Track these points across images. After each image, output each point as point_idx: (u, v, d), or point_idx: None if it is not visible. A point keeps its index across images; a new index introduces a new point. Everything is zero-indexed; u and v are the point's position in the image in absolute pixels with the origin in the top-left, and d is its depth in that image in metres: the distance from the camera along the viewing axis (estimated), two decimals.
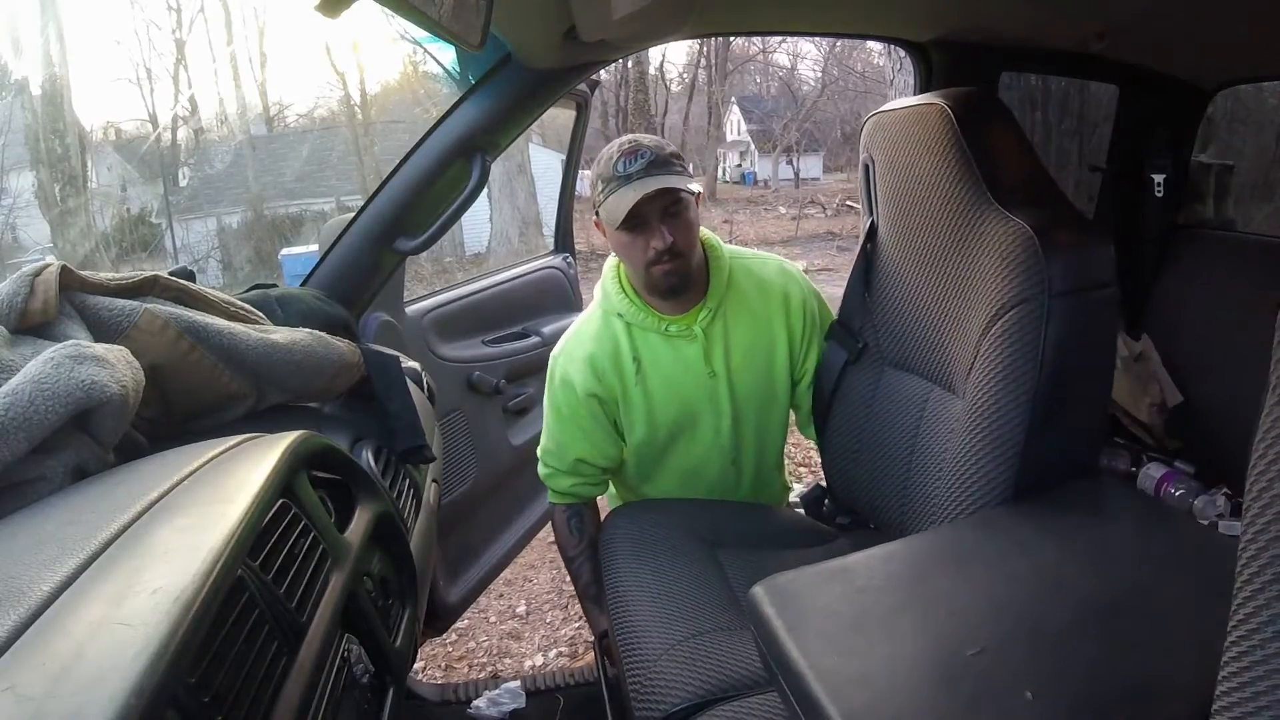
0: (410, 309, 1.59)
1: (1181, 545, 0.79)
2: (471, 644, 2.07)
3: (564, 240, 2.14)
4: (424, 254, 1.35)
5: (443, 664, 1.99)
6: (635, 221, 1.11)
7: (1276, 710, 0.38)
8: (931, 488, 1.00)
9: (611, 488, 1.43)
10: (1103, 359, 0.92)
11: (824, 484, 1.36)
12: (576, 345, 1.24)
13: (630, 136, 1.17)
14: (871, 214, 1.19)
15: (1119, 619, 0.67)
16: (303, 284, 1.28)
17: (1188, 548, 0.78)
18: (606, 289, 1.24)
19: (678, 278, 1.15)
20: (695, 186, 1.15)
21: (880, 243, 1.18)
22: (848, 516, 1.31)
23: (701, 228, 1.21)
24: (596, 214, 1.18)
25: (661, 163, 1.11)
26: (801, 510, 1.41)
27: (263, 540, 0.50)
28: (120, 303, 0.71)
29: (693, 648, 0.93)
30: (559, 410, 1.26)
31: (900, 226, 1.11)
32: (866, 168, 1.18)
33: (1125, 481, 1.36)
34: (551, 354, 1.30)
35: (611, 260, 1.24)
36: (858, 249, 1.22)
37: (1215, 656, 0.40)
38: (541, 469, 1.32)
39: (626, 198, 1.09)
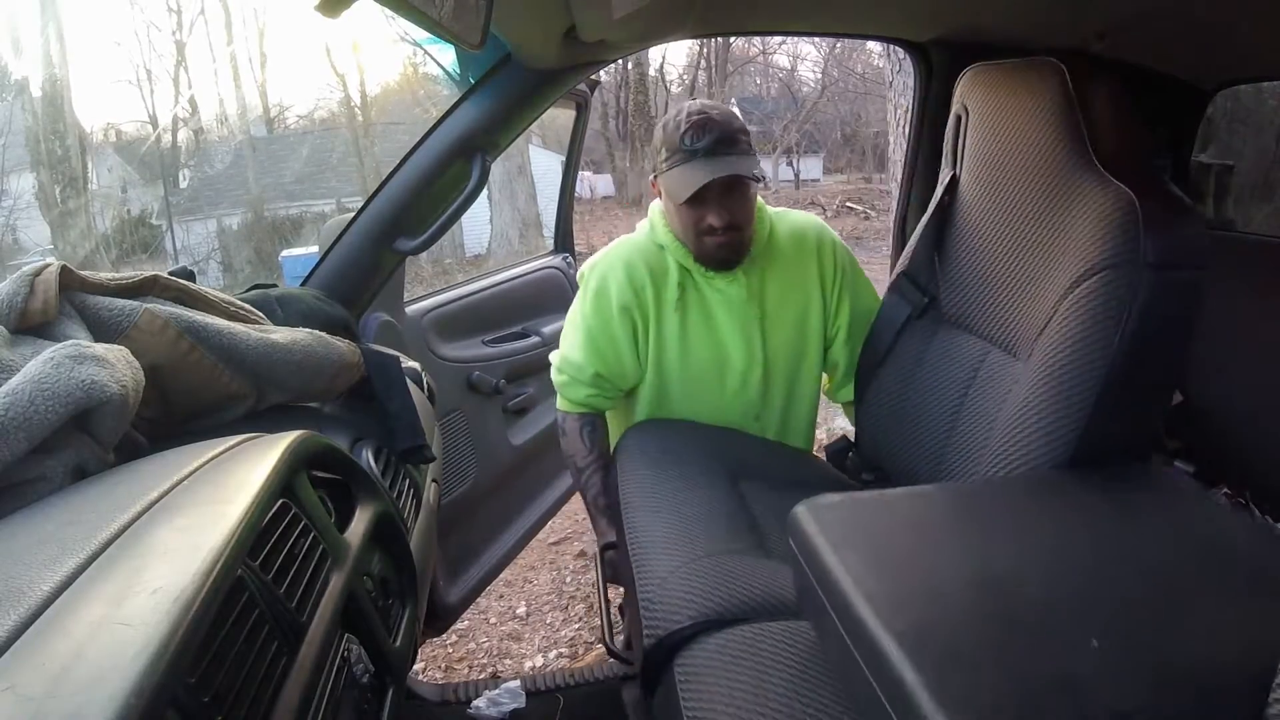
0: (410, 309, 1.59)
1: (1241, 534, 0.75)
2: (471, 645, 2.07)
3: (564, 240, 2.15)
4: (424, 255, 1.35)
5: (443, 664, 1.99)
6: (696, 200, 1.10)
7: None
8: (976, 448, 0.97)
9: (612, 421, 1.36)
10: (1181, 340, 0.88)
11: (851, 437, 1.31)
12: (618, 254, 1.20)
13: (700, 105, 1.14)
14: (954, 167, 1.14)
15: (1184, 594, 0.64)
16: (303, 284, 1.28)
17: (1246, 536, 0.75)
18: (654, 222, 1.21)
19: (730, 250, 1.15)
20: (759, 172, 1.13)
21: (959, 197, 1.13)
22: (873, 473, 1.24)
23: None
24: (654, 177, 1.16)
25: (729, 141, 1.09)
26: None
27: (263, 540, 0.50)
28: (120, 303, 0.71)
29: (707, 566, 0.88)
30: (588, 325, 1.21)
31: (986, 181, 1.07)
32: (958, 118, 1.14)
33: None
34: (586, 264, 1.25)
35: (657, 202, 1.23)
36: (933, 202, 1.16)
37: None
38: (556, 375, 1.27)
39: (691, 177, 1.08)
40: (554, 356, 1.29)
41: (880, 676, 0.56)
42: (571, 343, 1.25)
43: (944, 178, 1.16)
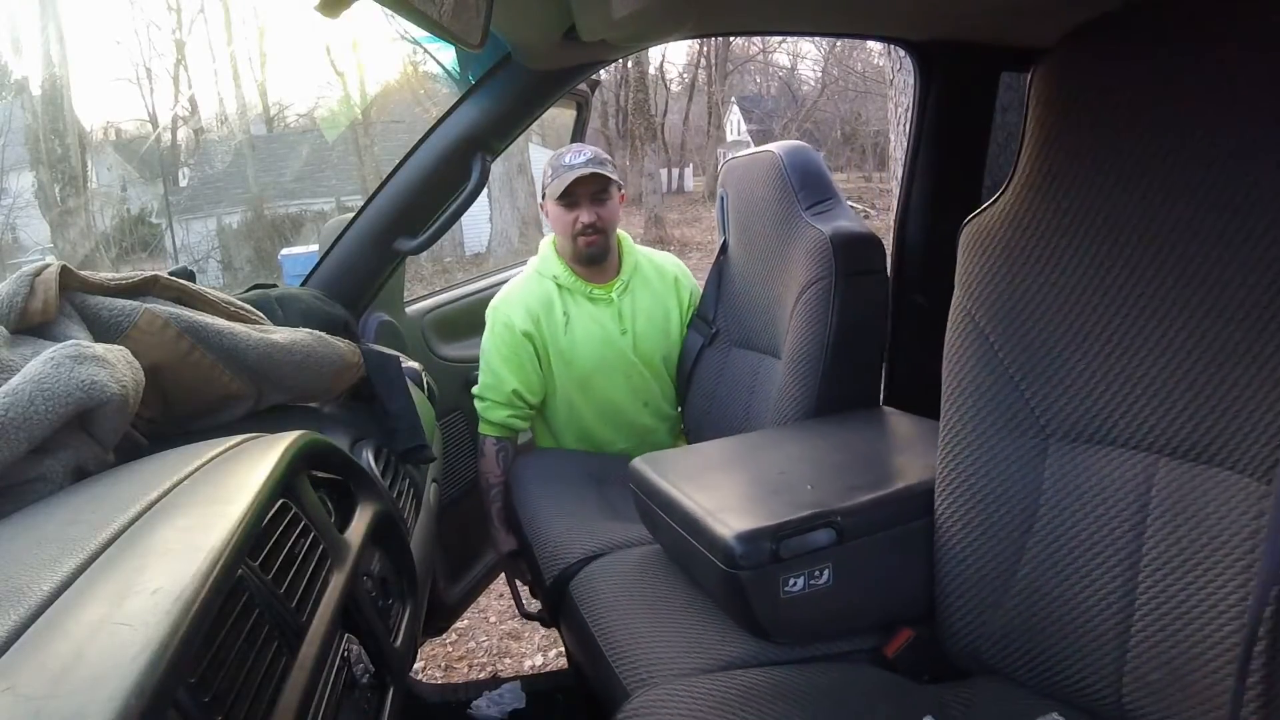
0: (410, 309, 1.59)
1: (916, 432, 1.14)
2: (471, 644, 2.07)
3: None
4: (424, 254, 1.36)
5: (443, 664, 1.99)
6: (570, 199, 1.44)
7: None
8: (760, 423, 1.37)
9: (539, 433, 1.65)
10: (873, 321, 1.29)
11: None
12: (515, 297, 1.51)
13: (579, 144, 1.53)
14: (724, 233, 1.55)
15: (872, 461, 1.04)
16: (303, 284, 1.28)
17: (919, 433, 1.13)
18: (545, 255, 1.54)
19: (597, 249, 1.48)
20: (619, 184, 1.50)
21: (730, 254, 1.54)
22: None
23: (619, 230, 1.55)
24: (543, 196, 1.49)
25: (599, 161, 1.44)
26: None
27: (263, 540, 0.50)
28: (120, 303, 0.71)
29: (584, 526, 1.25)
30: (500, 350, 1.49)
31: (744, 240, 1.49)
32: (722, 199, 1.54)
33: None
34: (490, 306, 1.54)
35: (548, 236, 1.56)
36: (713, 262, 1.60)
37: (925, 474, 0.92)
38: (479, 404, 1.52)
39: (567, 177, 1.42)
40: (475, 391, 1.53)
41: (687, 527, 0.93)
42: (490, 370, 1.50)
43: (719, 242, 1.58)
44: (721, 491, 0.96)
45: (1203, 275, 0.69)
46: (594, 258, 1.49)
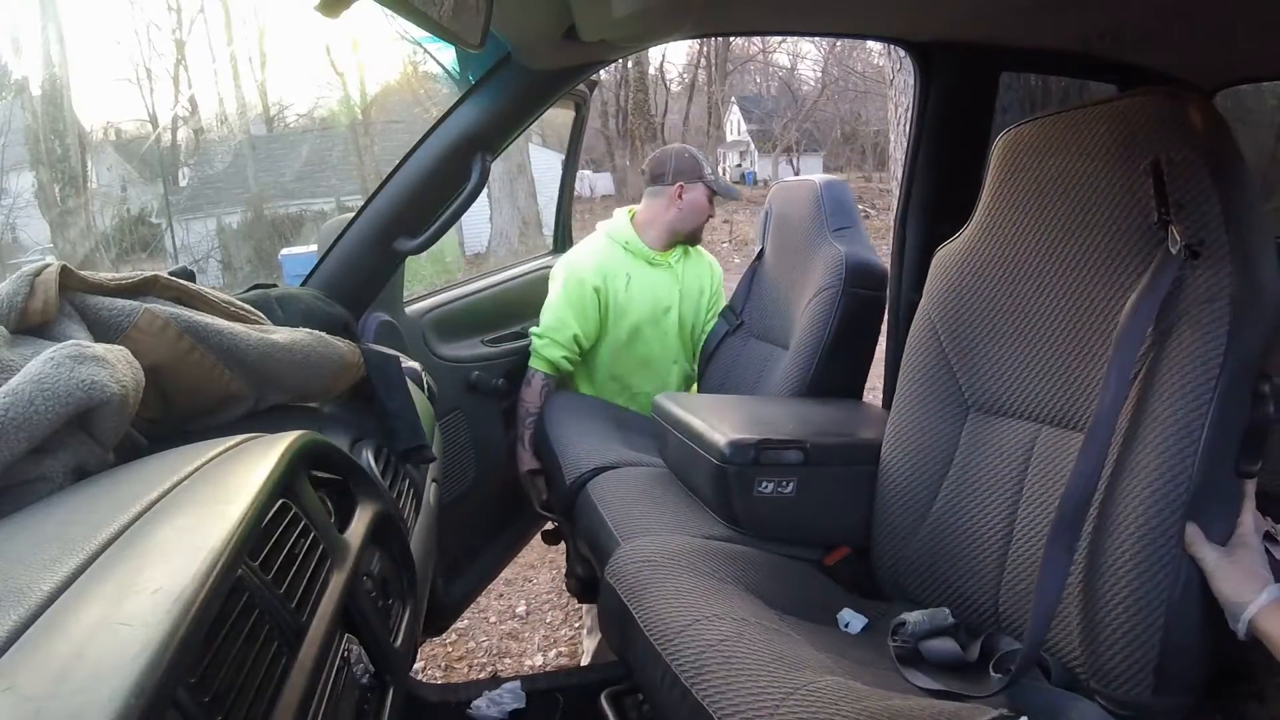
0: (410, 309, 1.59)
1: (881, 416, 1.32)
2: (471, 644, 2.07)
3: (564, 240, 2.15)
4: (423, 254, 1.36)
5: (443, 664, 1.99)
6: (712, 195, 1.83)
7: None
8: None
9: (575, 374, 1.86)
10: (865, 330, 1.54)
11: None
12: (588, 255, 1.80)
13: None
14: (762, 242, 1.88)
15: (842, 424, 1.32)
16: (303, 284, 1.28)
17: (883, 416, 1.28)
18: (618, 224, 1.84)
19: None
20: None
21: (764, 260, 1.87)
22: None
23: None
24: (695, 181, 1.79)
25: None
26: None
27: (263, 540, 0.50)
28: (120, 303, 0.71)
29: (603, 447, 1.49)
30: (569, 297, 1.73)
31: (778, 248, 1.81)
32: (766, 213, 1.86)
33: None
34: (562, 259, 1.81)
35: (622, 210, 1.89)
36: (749, 266, 1.91)
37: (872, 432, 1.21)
38: (537, 342, 1.72)
39: (730, 188, 1.90)
40: (536, 331, 1.73)
41: (692, 437, 1.22)
42: (554, 314, 1.72)
43: (757, 249, 1.90)
44: (722, 417, 1.22)
45: (1076, 296, 0.97)
46: (699, 238, 1.89)
